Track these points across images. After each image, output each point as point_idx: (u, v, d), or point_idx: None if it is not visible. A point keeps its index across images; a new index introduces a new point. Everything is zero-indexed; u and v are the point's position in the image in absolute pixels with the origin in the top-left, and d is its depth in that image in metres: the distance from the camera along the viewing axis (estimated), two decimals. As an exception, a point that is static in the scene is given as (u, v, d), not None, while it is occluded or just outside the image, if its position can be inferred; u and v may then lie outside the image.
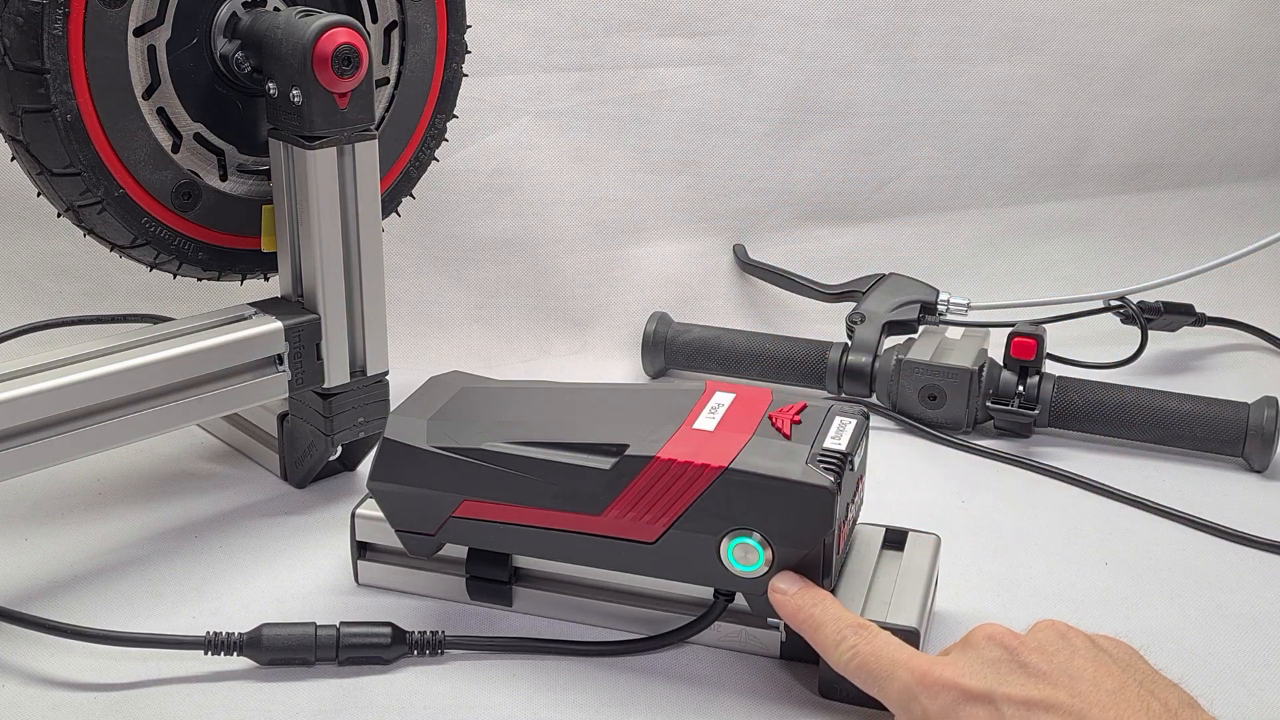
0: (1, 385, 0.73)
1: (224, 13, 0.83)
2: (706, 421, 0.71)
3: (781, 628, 0.72)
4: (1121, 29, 1.35)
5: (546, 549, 0.72)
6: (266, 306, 0.86)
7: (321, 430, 0.88)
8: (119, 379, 0.77)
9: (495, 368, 1.15)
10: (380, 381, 0.89)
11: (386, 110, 0.92)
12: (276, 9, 0.84)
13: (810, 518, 0.66)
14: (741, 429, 0.70)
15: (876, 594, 0.71)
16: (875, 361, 1.07)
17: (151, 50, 0.80)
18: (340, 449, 0.90)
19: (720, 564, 0.68)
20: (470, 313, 1.20)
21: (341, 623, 0.72)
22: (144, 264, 0.86)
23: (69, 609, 0.76)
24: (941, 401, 1.03)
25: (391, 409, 0.82)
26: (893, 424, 1.06)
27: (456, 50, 0.95)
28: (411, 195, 0.98)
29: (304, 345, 0.85)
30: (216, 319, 0.84)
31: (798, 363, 1.10)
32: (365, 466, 0.93)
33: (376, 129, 0.85)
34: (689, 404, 0.73)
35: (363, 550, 0.79)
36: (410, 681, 0.70)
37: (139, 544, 0.84)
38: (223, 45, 0.83)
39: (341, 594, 0.79)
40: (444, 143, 0.98)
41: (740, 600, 0.70)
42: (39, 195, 0.82)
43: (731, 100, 1.27)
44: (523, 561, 0.76)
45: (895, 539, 0.77)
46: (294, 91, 0.79)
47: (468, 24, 0.95)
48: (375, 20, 0.89)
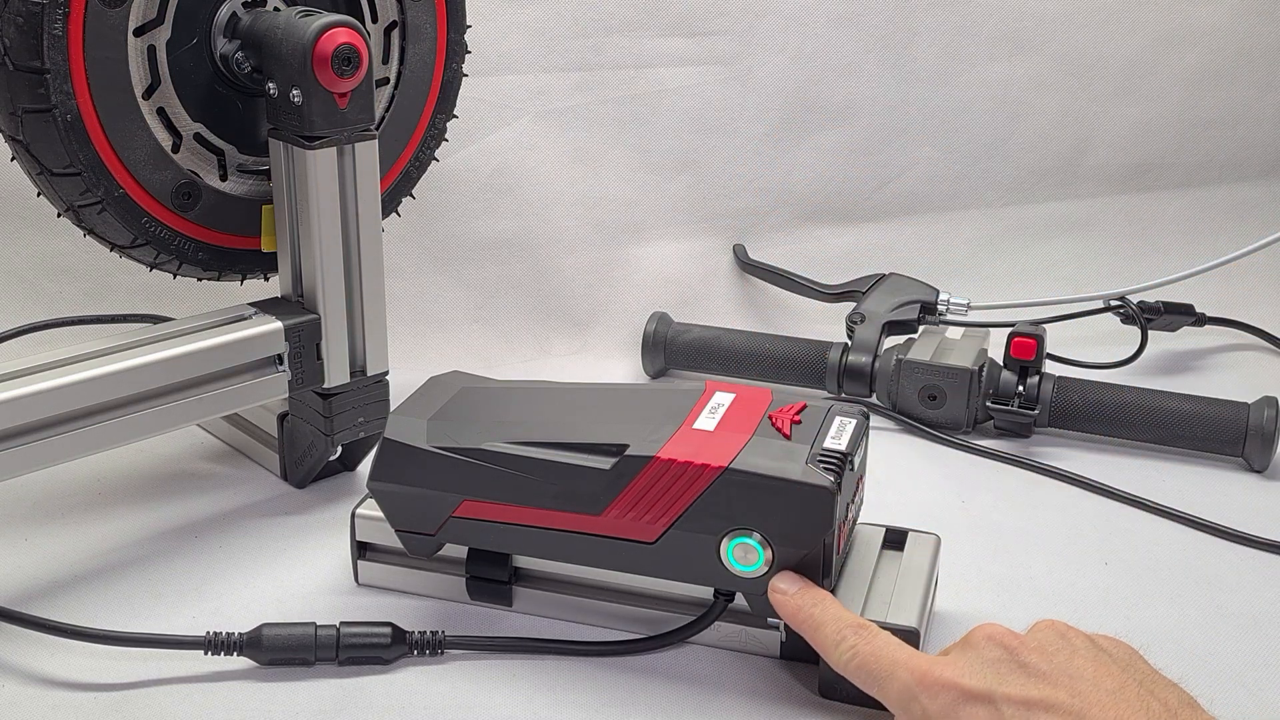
0: (1, 385, 0.73)
1: (224, 13, 0.83)
2: (706, 421, 0.71)
3: (781, 628, 0.72)
4: (1121, 29, 1.35)
5: (546, 549, 0.72)
6: (266, 306, 0.86)
7: (321, 430, 0.88)
8: (119, 379, 0.77)
9: (495, 368, 1.15)
10: (380, 381, 0.90)
11: (386, 110, 0.92)
12: (276, 9, 0.84)
13: (810, 518, 0.66)
14: (741, 429, 0.70)
15: (876, 594, 0.71)
16: (875, 361, 1.07)
17: (151, 50, 0.80)
18: (340, 449, 0.90)
19: (720, 564, 0.68)
20: (470, 313, 1.20)
21: (341, 623, 0.72)
22: (144, 264, 0.86)
23: (69, 609, 0.76)
24: (941, 401, 1.03)
25: (391, 409, 0.82)
26: (893, 424, 1.06)
27: (456, 50, 0.95)
28: (411, 195, 0.98)
29: (304, 345, 0.85)
30: (216, 319, 0.84)
31: (798, 363, 1.10)
32: (365, 466, 0.93)
33: (376, 129, 0.85)
34: (689, 404, 0.73)
35: (363, 550, 0.79)
36: (410, 681, 0.70)
37: (139, 544, 0.84)
38: (223, 45, 0.83)
39: (341, 594, 0.79)
40: (444, 143, 0.98)
41: (740, 600, 0.70)
42: (39, 195, 0.82)
43: (731, 100, 1.27)
44: (523, 561, 0.76)
45: (895, 539, 0.77)
46: (294, 91, 0.79)
47: (468, 24, 0.95)
48: (375, 20, 0.89)
